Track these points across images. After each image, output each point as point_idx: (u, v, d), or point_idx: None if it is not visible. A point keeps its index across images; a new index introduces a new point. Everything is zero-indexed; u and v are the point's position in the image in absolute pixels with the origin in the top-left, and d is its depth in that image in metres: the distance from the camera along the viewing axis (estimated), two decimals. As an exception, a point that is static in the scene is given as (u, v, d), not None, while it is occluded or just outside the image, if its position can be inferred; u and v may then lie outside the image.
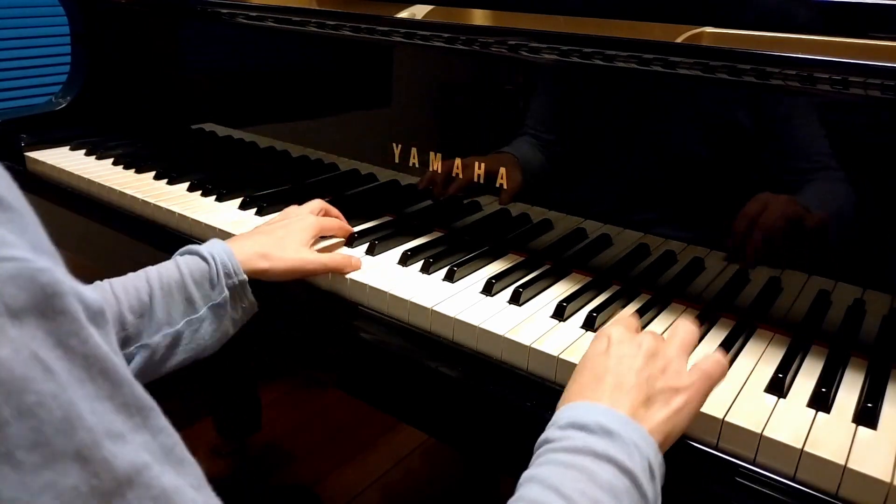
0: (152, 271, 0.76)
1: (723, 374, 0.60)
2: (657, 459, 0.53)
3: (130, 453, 0.33)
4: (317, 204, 0.96)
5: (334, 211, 0.98)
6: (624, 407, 0.55)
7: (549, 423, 0.55)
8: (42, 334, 0.32)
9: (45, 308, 0.32)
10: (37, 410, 0.30)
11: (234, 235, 0.98)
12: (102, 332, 0.35)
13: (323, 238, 0.95)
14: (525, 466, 0.53)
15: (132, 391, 0.35)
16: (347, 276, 0.86)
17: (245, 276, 0.79)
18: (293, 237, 0.86)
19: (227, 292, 0.77)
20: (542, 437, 0.54)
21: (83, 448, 0.31)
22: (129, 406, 0.34)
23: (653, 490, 0.51)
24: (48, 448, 0.31)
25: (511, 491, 0.51)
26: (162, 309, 0.74)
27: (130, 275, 0.76)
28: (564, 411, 0.55)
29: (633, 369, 0.57)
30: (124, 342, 0.72)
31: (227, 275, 0.77)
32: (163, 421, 0.36)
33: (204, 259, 0.77)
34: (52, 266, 0.33)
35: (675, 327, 0.64)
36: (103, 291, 0.73)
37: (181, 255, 0.79)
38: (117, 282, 0.75)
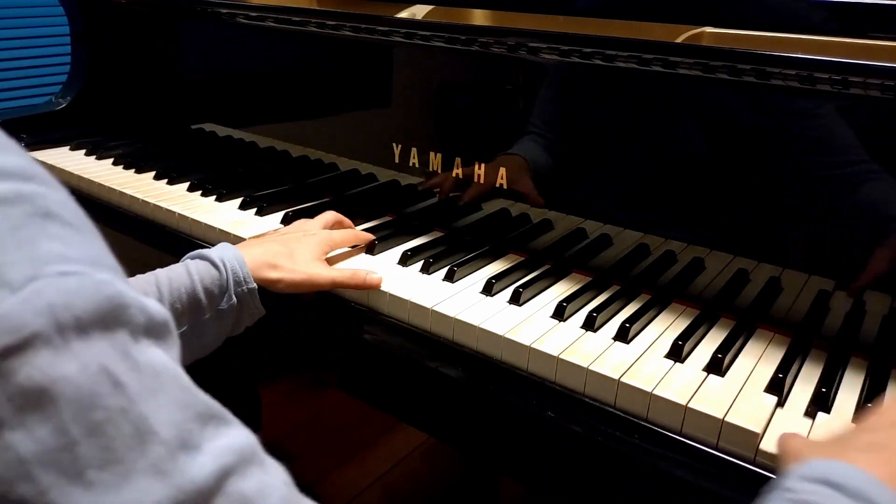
0: (162, 275, 0.74)
1: None
2: None
3: (209, 462, 0.32)
4: (330, 216, 0.94)
5: (347, 222, 0.96)
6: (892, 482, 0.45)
7: (788, 473, 0.46)
8: (108, 347, 0.31)
9: (110, 320, 0.31)
10: (107, 427, 0.30)
11: (234, 235, 0.98)
12: (167, 344, 0.34)
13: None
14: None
15: (202, 399, 0.34)
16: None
17: (255, 285, 0.78)
18: (305, 249, 0.84)
19: (235, 300, 0.76)
20: (778, 483, 0.46)
21: (160, 462, 0.30)
22: (203, 414, 0.34)
23: None
24: (121, 465, 0.30)
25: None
26: (170, 314, 0.73)
27: (139, 277, 0.75)
28: (814, 464, 0.46)
29: None
30: None
31: (237, 283, 0.76)
32: (237, 425, 0.35)
33: (215, 265, 0.76)
34: (113, 278, 0.33)
35: None
36: None
37: (192, 258, 0.78)
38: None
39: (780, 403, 0.65)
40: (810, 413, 0.63)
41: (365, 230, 0.98)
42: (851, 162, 0.71)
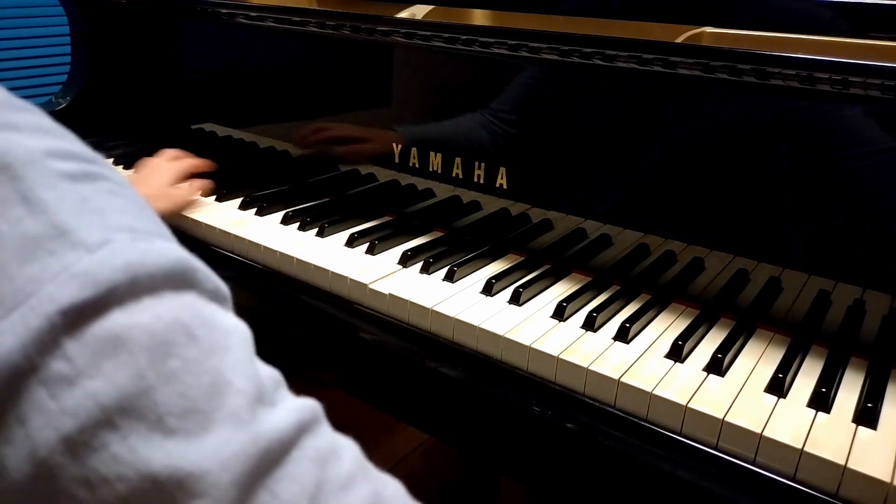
0: None
1: None
2: None
3: (286, 416, 0.33)
4: (171, 152, 1.13)
5: (187, 154, 1.14)
6: None
7: None
8: (181, 304, 0.32)
9: (181, 281, 0.32)
10: (183, 375, 0.30)
11: (234, 235, 0.98)
12: (231, 314, 0.35)
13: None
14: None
15: (267, 366, 0.35)
16: (348, 276, 0.86)
17: None
18: (162, 179, 1.04)
19: None
20: None
21: (238, 411, 0.31)
22: (272, 376, 0.35)
23: None
24: (201, 414, 0.30)
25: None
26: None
27: None
28: None
29: None
30: None
31: None
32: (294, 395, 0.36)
33: None
34: (180, 247, 0.34)
35: None
36: None
37: None
38: None
39: (780, 403, 0.65)
40: (810, 413, 0.63)
41: (365, 230, 0.98)
42: (851, 161, 0.71)
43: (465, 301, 0.81)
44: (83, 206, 0.32)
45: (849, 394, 0.66)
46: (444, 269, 0.87)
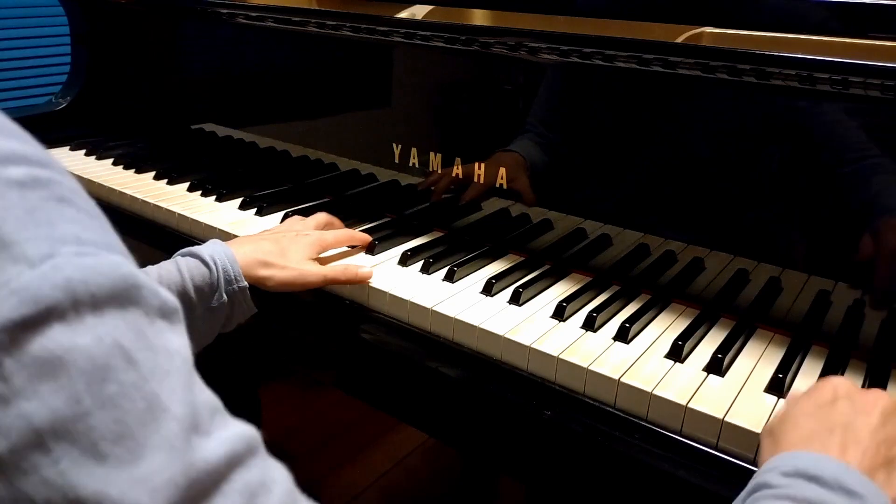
0: (152, 271, 0.74)
1: None
2: None
3: (220, 447, 0.33)
4: (323, 217, 0.94)
5: (339, 223, 0.96)
6: (860, 467, 0.47)
7: (764, 469, 0.49)
8: (123, 324, 0.31)
9: (124, 299, 0.32)
10: (119, 401, 0.30)
11: (234, 235, 0.98)
12: (178, 330, 0.35)
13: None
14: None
15: (207, 390, 0.35)
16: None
17: (246, 283, 0.77)
18: (297, 248, 0.84)
19: (225, 298, 0.76)
20: (757, 481, 0.48)
21: (172, 439, 0.31)
22: (209, 404, 0.34)
23: None
24: (134, 441, 0.30)
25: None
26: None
27: None
28: (786, 458, 0.48)
29: (869, 427, 0.50)
30: None
31: (228, 281, 0.76)
32: (240, 421, 0.36)
33: (205, 263, 0.75)
34: (127, 262, 0.33)
35: None
36: None
37: (182, 255, 0.77)
38: None
39: (780, 404, 0.65)
40: (810, 413, 0.63)
41: (365, 230, 0.98)
42: (851, 161, 0.71)
43: (465, 301, 0.81)
44: (29, 216, 0.31)
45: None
46: (444, 269, 0.87)
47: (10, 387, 0.28)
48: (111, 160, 1.29)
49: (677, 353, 0.71)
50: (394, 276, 0.87)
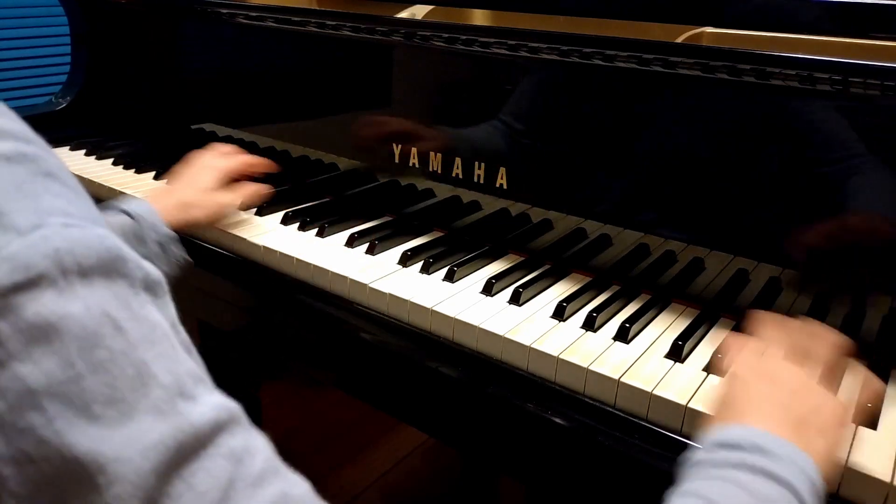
0: None
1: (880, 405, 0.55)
2: (819, 480, 0.48)
3: (206, 412, 0.34)
4: (221, 147, 1.03)
5: (240, 150, 1.04)
6: (778, 431, 0.51)
7: (702, 441, 0.52)
8: (110, 294, 0.33)
9: (111, 269, 0.33)
10: (110, 366, 0.31)
11: (234, 235, 0.98)
12: (162, 302, 0.36)
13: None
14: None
15: (192, 362, 0.36)
16: (348, 276, 0.86)
17: (174, 233, 0.83)
18: (201, 182, 0.94)
19: (157, 248, 0.80)
20: (692, 455, 0.52)
21: (160, 403, 0.32)
22: (193, 373, 0.35)
23: None
24: (124, 403, 0.31)
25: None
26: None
27: None
28: (712, 433, 0.52)
29: (792, 395, 0.54)
30: None
31: (154, 230, 0.81)
32: (222, 393, 0.37)
33: (129, 215, 0.80)
34: (112, 234, 0.34)
35: (814, 347, 0.60)
36: None
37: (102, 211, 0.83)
38: None
39: (780, 403, 0.65)
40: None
41: (365, 230, 0.98)
42: (852, 161, 0.71)
43: (465, 301, 0.81)
44: (17, 189, 0.32)
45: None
46: (444, 269, 0.87)
47: (5, 350, 0.30)
48: (111, 160, 1.29)
49: (677, 353, 0.71)
50: (394, 276, 0.87)
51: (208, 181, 0.95)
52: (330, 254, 0.92)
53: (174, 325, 0.36)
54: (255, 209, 1.07)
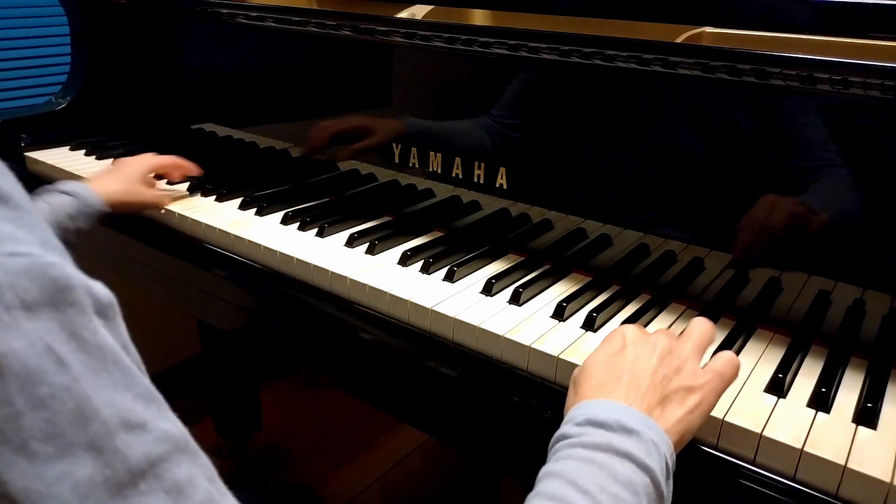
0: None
1: (735, 374, 0.60)
2: (672, 458, 0.53)
3: (146, 444, 0.34)
4: (158, 157, 1.14)
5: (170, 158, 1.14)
6: (641, 406, 0.55)
7: (565, 420, 0.55)
8: (55, 327, 0.32)
9: (56, 301, 0.32)
10: (50, 402, 0.31)
11: (234, 236, 0.98)
12: (112, 325, 0.35)
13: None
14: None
15: (143, 383, 0.35)
16: (348, 276, 0.86)
17: (106, 206, 0.97)
18: (128, 172, 1.06)
19: (92, 221, 0.95)
20: (559, 433, 0.55)
21: (97, 439, 0.32)
22: (144, 397, 0.35)
23: (668, 489, 0.52)
24: (62, 439, 0.31)
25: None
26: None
27: None
28: (580, 408, 0.55)
29: (649, 369, 0.57)
30: None
31: (89, 205, 0.95)
32: (172, 414, 0.37)
33: (69, 195, 0.93)
34: (61, 261, 0.34)
35: (690, 326, 0.64)
36: None
37: (38, 194, 0.93)
38: None
39: (780, 403, 0.65)
40: (810, 413, 0.63)
41: (365, 230, 0.99)
42: (851, 162, 0.71)
43: (465, 301, 0.81)
44: None
45: (849, 394, 0.66)
46: (444, 269, 0.87)
47: None
48: (111, 160, 1.29)
49: (677, 353, 0.71)
50: (394, 276, 0.87)
51: (135, 172, 1.06)
52: (330, 254, 0.92)
53: (125, 346, 0.36)
54: (255, 209, 1.07)
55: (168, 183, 1.17)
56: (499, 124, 0.94)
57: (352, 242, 0.95)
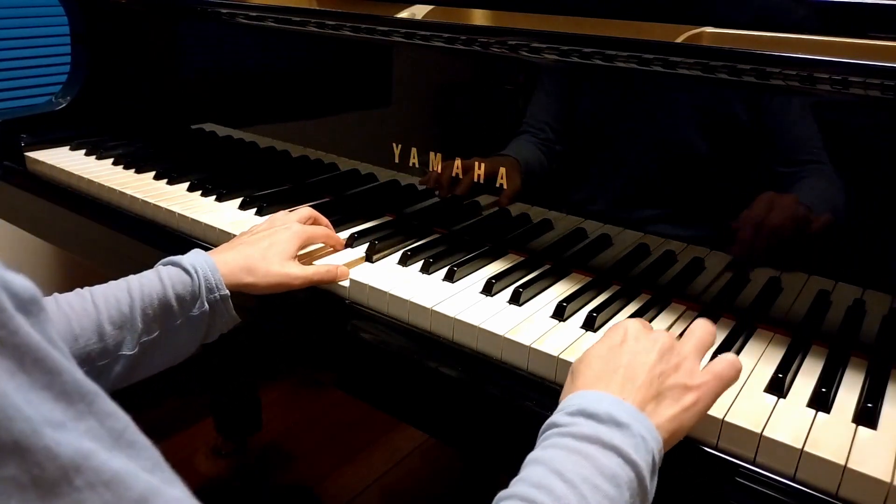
0: (134, 281, 0.75)
1: (736, 376, 0.60)
2: (660, 456, 0.53)
3: (75, 440, 0.32)
4: (305, 212, 0.94)
5: (323, 220, 0.96)
6: (634, 401, 0.55)
7: (557, 409, 0.56)
8: None
9: None
10: None
11: (234, 235, 0.98)
12: (36, 321, 0.34)
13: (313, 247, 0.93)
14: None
15: (72, 378, 0.34)
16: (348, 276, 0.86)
17: (227, 292, 0.78)
18: (278, 249, 0.83)
19: (207, 307, 0.77)
20: (549, 420, 0.55)
21: (22, 439, 0.31)
22: (70, 394, 0.34)
23: (652, 484, 0.52)
24: None
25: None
26: (141, 320, 0.73)
27: (111, 283, 0.75)
28: (573, 398, 0.55)
29: (647, 365, 0.58)
30: (103, 353, 0.72)
31: (210, 289, 0.77)
32: (110, 405, 0.35)
33: (187, 272, 0.76)
34: None
35: (692, 326, 0.64)
36: (83, 300, 0.72)
37: (164, 265, 0.78)
38: (98, 291, 0.74)
39: (780, 403, 0.65)
40: (810, 413, 0.63)
41: (365, 230, 0.99)
42: (851, 162, 0.71)
43: (465, 301, 0.81)
44: None
45: (849, 394, 0.66)
46: (444, 269, 0.87)
47: None
48: (111, 160, 1.29)
49: (677, 353, 0.71)
50: (394, 276, 0.87)
51: (282, 250, 0.84)
52: (311, 249, 0.92)
53: (51, 340, 0.34)
54: (255, 209, 1.07)
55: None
56: (498, 122, 0.94)
57: (352, 242, 0.95)
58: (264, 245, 0.84)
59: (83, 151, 1.34)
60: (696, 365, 0.60)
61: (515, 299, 0.81)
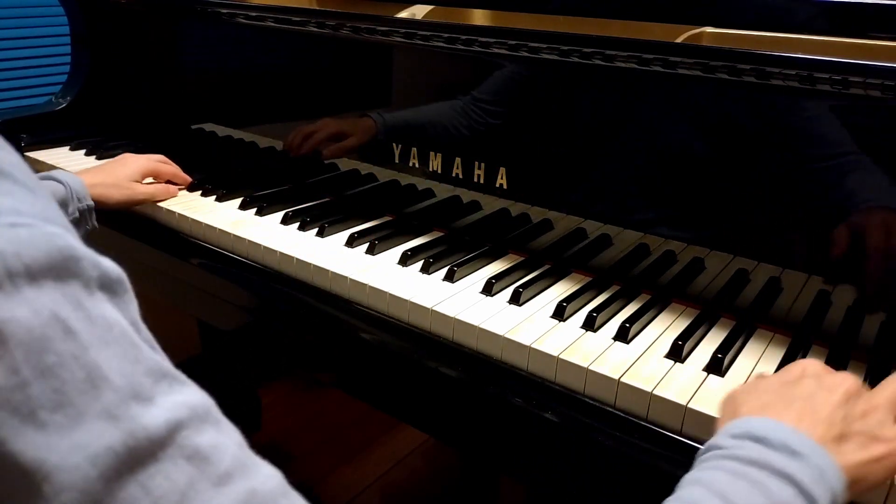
0: None
1: None
2: (843, 497, 0.46)
3: (162, 413, 0.33)
4: (158, 156, 1.15)
5: (172, 165, 1.15)
6: (812, 434, 0.48)
7: (718, 432, 0.50)
8: (60, 296, 0.31)
9: (61, 270, 0.32)
10: (58, 371, 0.30)
11: (234, 236, 0.98)
12: (120, 301, 0.35)
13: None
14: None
15: (155, 357, 0.35)
16: (348, 276, 0.86)
17: (92, 203, 0.98)
18: (128, 171, 1.07)
19: (77, 214, 0.95)
20: (709, 443, 0.50)
21: (112, 407, 0.31)
22: (154, 371, 0.34)
23: None
24: (73, 408, 0.30)
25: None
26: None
27: None
28: (739, 423, 0.49)
29: (829, 403, 0.51)
30: None
31: (79, 199, 0.96)
32: (192, 385, 0.36)
33: (61, 183, 0.94)
34: (65, 233, 0.33)
35: (889, 378, 0.56)
36: None
37: (41, 178, 0.94)
38: None
39: (780, 403, 0.65)
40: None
41: (365, 230, 0.99)
42: (851, 160, 0.71)
43: (465, 301, 0.81)
44: None
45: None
46: (444, 269, 0.87)
47: None
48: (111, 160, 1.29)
49: (677, 353, 0.71)
50: (394, 276, 0.87)
51: (128, 171, 1.07)
52: (330, 254, 0.92)
53: (134, 322, 0.35)
54: (255, 209, 1.07)
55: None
56: (499, 122, 0.94)
57: (352, 242, 0.95)
58: (117, 169, 1.08)
59: (83, 151, 1.34)
60: (888, 418, 0.52)
61: (515, 299, 0.81)
